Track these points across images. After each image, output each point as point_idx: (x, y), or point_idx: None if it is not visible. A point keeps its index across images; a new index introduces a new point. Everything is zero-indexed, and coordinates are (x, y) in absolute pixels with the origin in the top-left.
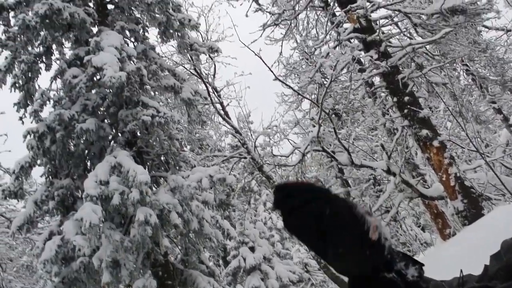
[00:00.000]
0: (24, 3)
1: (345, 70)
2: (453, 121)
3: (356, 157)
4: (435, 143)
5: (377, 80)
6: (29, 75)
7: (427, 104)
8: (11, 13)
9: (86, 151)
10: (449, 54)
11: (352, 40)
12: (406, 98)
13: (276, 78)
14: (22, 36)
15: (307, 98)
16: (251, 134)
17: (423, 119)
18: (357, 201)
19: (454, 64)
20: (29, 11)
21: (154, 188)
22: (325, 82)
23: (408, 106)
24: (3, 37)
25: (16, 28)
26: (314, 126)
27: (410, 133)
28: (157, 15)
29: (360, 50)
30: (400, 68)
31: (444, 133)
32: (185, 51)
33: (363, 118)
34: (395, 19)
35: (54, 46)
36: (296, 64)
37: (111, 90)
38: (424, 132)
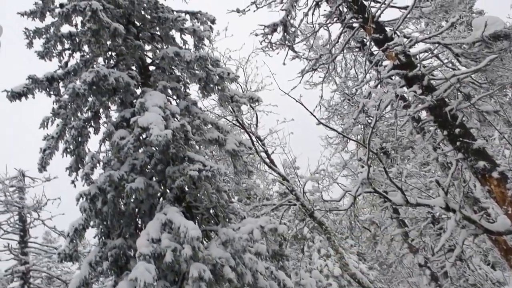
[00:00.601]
0: (72, 73)
1: (389, 108)
2: (510, 149)
3: (411, 196)
4: (495, 175)
5: (423, 114)
6: (79, 140)
7: (480, 134)
8: (61, 83)
9: (137, 210)
10: (497, 80)
11: (393, 77)
12: (457, 130)
13: (320, 123)
14: (72, 103)
15: (353, 140)
16: (299, 180)
17: (478, 150)
18: (417, 242)
19: (504, 90)
20: (77, 79)
21: (205, 243)
22: (369, 121)
23: (460, 138)
24: (55, 106)
25: (66, 96)
26: (363, 167)
27: (466, 166)
28: (196, 72)
29: (402, 87)
30: (447, 100)
31: (503, 162)
32: (226, 103)
33: (413, 155)
34: (435, 51)
35: (101, 110)
36: (338, 105)
37: (157, 148)
38: (481, 163)
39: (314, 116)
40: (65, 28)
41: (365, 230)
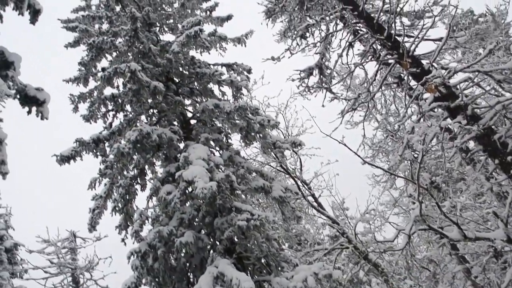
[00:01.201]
0: (117, 133)
1: (435, 141)
2: None
3: (468, 230)
4: None
5: (471, 144)
6: (127, 198)
7: None
8: (107, 144)
9: (188, 264)
10: None
11: (435, 110)
12: (509, 158)
13: (365, 162)
14: (117, 163)
15: (400, 177)
16: (349, 222)
17: None
18: (480, 279)
19: None
20: (121, 139)
21: None
22: (415, 156)
23: None
24: (102, 166)
25: (112, 156)
26: (414, 204)
27: None
28: (237, 121)
29: (446, 118)
30: (494, 128)
31: None
32: (269, 150)
33: (465, 187)
34: (476, 80)
35: (146, 167)
36: (382, 143)
37: (204, 201)
38: None
39: (359, 156)
40: (108, 90)
41: (423, 269)
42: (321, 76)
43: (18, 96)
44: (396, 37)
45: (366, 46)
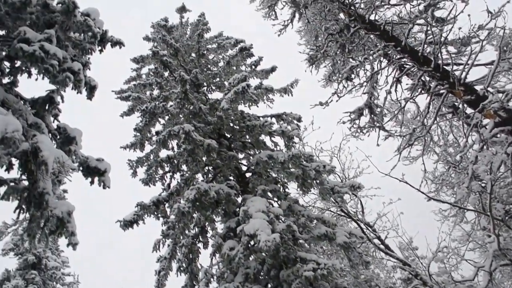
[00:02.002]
0: (175, 193)
1: (502, 168)
2: None
3: None
4: None
5: None
6: (191, 257)
7: None
8: (166, 204)
9: None
10: None
11: (497, 135)
12: None
13: (430, 198)
14: (179, 223)
15: (470, 210)
16: (421, 262)
17: None
18: None
19: None
20: (180, 199)
21: None
22: (483, 186)
23: None
24: (164, 228)
25: (173, 217)
26: (489, 237)
27: None
28: (292, 170)
29: (511, 143)
30: None
31: None
32: (328, 195)
33: None
34: None
35: (207, 224)
36: (444, 175)
37: (267, 254)
38: None
39: (422, 192)
40: (163, 153)
41: None
42: (372, 115)
43: (81, 168)
44: (444, 66)
45: (414, 80)
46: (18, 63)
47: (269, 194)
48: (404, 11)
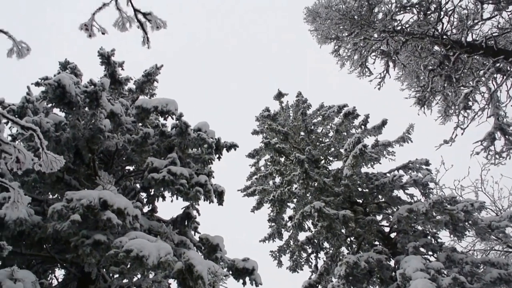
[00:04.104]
0: (325, 273)
1: None
2: None
3: None
4: None
5: None
6: None
7: None
8: (319, 287)
9: None
10: None
11: None
12: None
13: None
14: None
15: None
16: None
17: None
18: None
19: None
20: (331, 278)
21: None
22: None
23: None
24: None
25: None
26: None
27: None
28: (438, 218)
29: None
30: None
31: None
32: (486, 234)
33: None
34: None
35: None
36: None
37: None
38: None
39: None
40: (301, 236)
41: None
42: (507, 136)
43: (230, 272)
44: None
45: None
46: (152, 191)
47: (421, 249)
48: (502, 20)
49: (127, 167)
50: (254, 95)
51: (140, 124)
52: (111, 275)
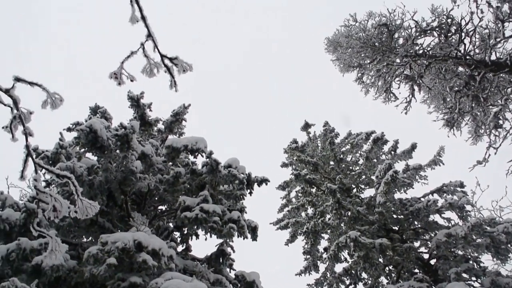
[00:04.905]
0: None
1: None
2: None
3: None
4: None
5: None
6: None
7: None
8: None
9: None
10: None
11: None
12: None
13: None
14: None
15: None
16: None
17: None
18: None
19: None
20: None
21: None
22: None
23: None
24: None
25: None
26: None
27: None
28: (478, 241)
29: None
30: None
31: None
32: None
33: None
34: None
35: None
36: None
37: None
38: None
39: None
40: (338, 267)
41: None
42: None
43: None
44: None
45: None
46: (185, 230)
47: (464, 275)
48: None
49: (160, 207)
50: (280, 125)
51: (170, 163)
52: None
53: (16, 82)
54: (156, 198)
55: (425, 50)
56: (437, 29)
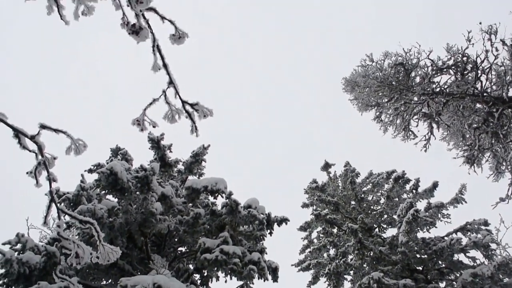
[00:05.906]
0: None
1: None
2: None
3: None
4: None
5: None
6: None
7: None
8: None
9: None
10: None
11: None
12: None
13: None
14: None
15: None
16: None
17: None
18: None
19: None
20: None
21: None
22: None
23: None
24: None
25: None
26: None
27: None
28: (506, 280)
29: None
30: None
31: None
32: None
33: None
34: None
35: None
36: None
37: None
38: None
39: None
40: None
41: None
42: None
43: None
44: None
45: None
46: (205, 272)
47: None
48: None
49: (180, 248)
50: (300, 165)
51: (190, 204)
52: None
53: (41, 129)
54: (176, 240)
55: (442, 88)
56: (453, 67)
